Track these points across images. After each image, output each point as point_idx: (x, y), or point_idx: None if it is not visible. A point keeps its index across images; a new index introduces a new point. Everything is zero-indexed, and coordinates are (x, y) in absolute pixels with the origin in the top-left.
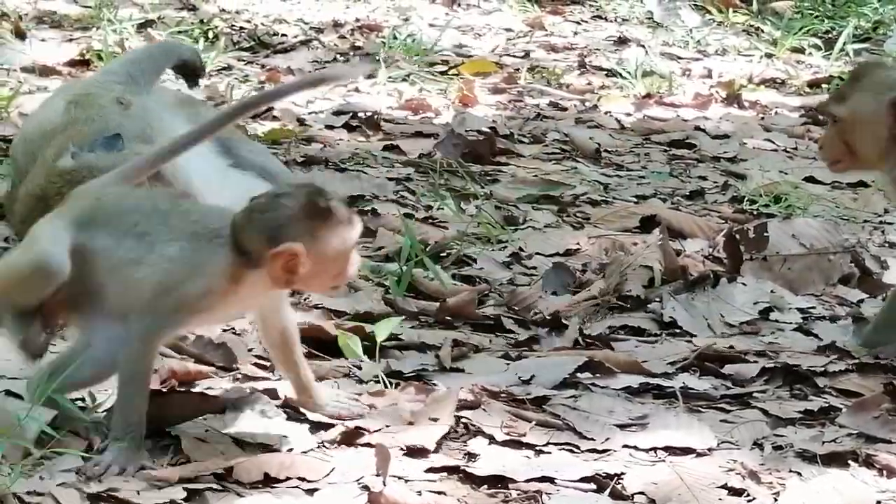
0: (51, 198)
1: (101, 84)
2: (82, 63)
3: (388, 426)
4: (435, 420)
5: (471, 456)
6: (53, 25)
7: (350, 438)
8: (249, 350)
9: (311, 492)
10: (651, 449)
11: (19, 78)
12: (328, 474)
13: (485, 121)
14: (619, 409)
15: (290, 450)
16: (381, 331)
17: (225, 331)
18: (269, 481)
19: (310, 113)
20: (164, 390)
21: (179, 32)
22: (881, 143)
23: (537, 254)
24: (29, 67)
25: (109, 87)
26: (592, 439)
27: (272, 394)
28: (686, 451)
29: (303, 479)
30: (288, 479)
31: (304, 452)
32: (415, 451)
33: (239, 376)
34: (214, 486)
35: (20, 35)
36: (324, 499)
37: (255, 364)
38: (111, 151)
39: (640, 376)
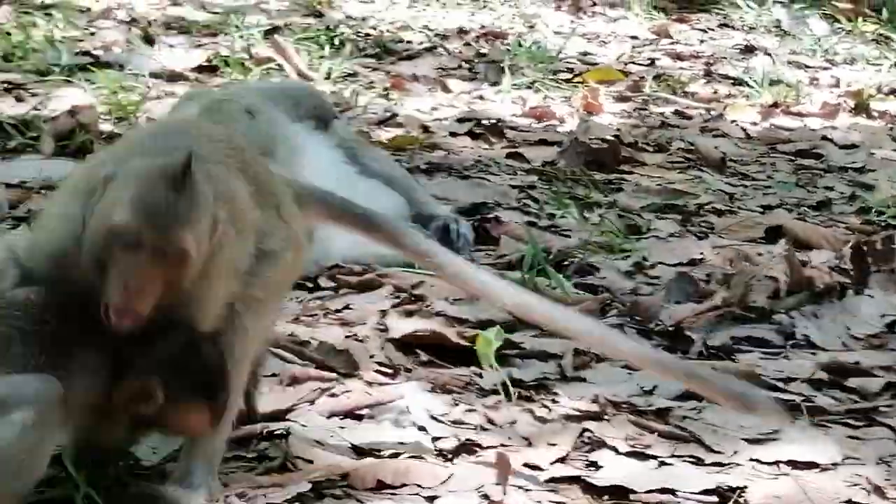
0: None
1: (236, 94)
2: (209, 69)
3: (503, 444)
4: (554, 444)
5: (593, 466)
6: (182, 31)
7: (470, 447)
8: (371, 357)
9: (430, 499)
10: (774, 462)
11: (148, 83)
12: (447, 482)
13: (609, 129)
14: (745, 421)
15: (410, 457)
16: (493, 339)
17: (347, 337)
18: (386, 488)
19: (434, 120)
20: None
21: (306, 39)
22: None
23: (660, 263)
24: (157, 73)
25: (241, 98)
26: (719, 452)
27: (393, 400)
28: (810, 465)
29: (422, 487)
30: (404, 485)
31: (424, 460)
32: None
33: (360, 382)
34: (335, 491)
35: (149, 41)
36: None
37: (377, 371)
38: None
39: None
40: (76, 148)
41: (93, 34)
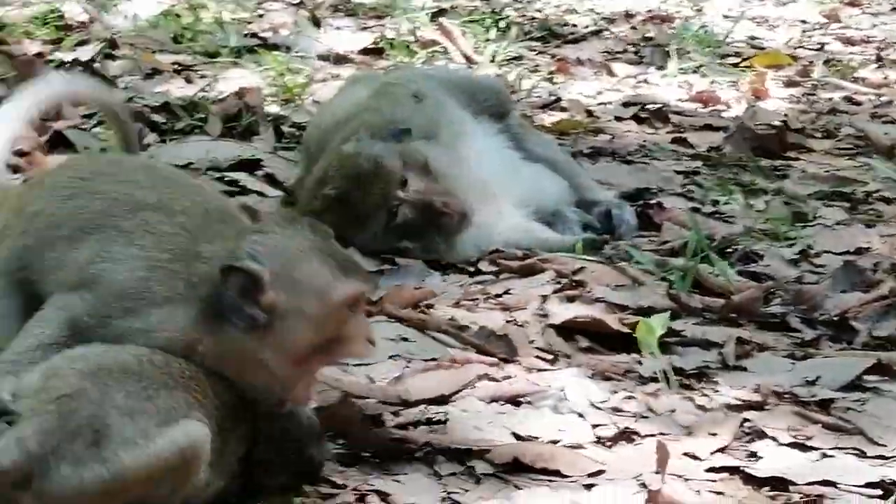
0: (328, 179)
1: (404, 78)
2: (375, 52)
3: (662, 432)
4: (714, 434)
5: (753, 457)
6: (348, 14)
7: (629, 435)
8: (531, 342)
9: (588, 487)
10: None
11: (314, 65)
12: (605, 470)
13: (776, 114)
14: None
15: (568, 444)
16: (656, 326)
17: (507, 322)
18: (543, 474)
19: (598, 104)
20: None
21: (471, 22)
22: None
23: (826, 252)
24: (324, 55)
25: (410, 82)
26: (883, 444)
27: (553, 387)
28: None
29: (580, 474)
30: (562, 472)
31: (582, 447)
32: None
33: (520, 368)
34: (493, 477)
35: (316, 23)
36: (601, 494)
37: (537, 356)
38: (396, 143)
39: None
40: (243, 129)
41: (261, 16)
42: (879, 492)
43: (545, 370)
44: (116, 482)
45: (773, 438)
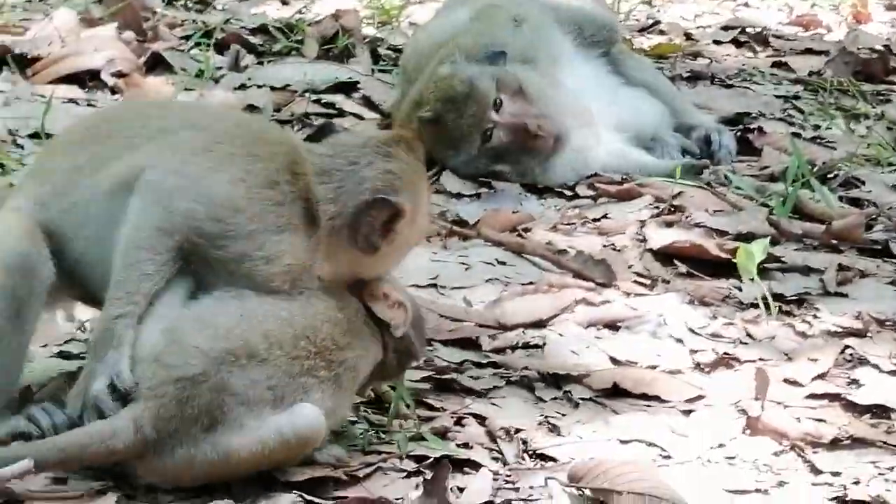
0: (423, 101)
1: (510, 1)
2: None
3: (761, 358)
4: (814, 360)
5: (854, 384)
6: None
7: (728, 361)
8: (629, 267)
9: (686, 413)
10: None
11: None
12: (704, 395)
13: (879, 39)
14: None
15: (667, 370)
16: (756, 251)
17: (605, 246)
18: (642, 399)
19: (697, 27)
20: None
21: None
22: None
23: None
24: None
25: (513, 4)
26: None
27: (651, 312)
28: None
29: (678, 400)
30: (660, 398)
31: (681, 372)
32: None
33: (618, 293)
34: (590, 402)
35: None
36: (700, 420)
37: (635, 282)
38: (491, 65)
39: None
40: (339, 52)
41: None
42: None
43: (643, 295)
44: (226, 464)
45: (875, 366)
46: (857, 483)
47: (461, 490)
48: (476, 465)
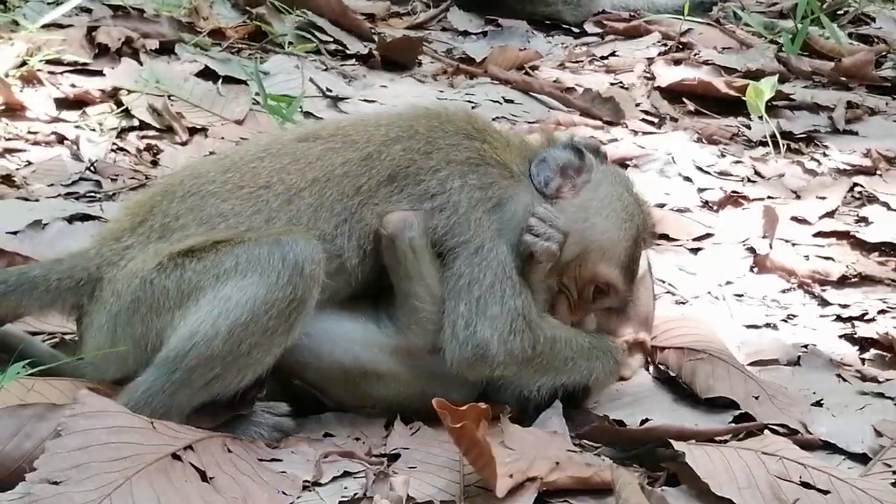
0: None
1: None
2: None
3: (770, 196)
4: (823, 198)
5: (862, 221)
6: None
7: (736, 199)
8: (637, 105)
9: (694, 251)
10: None
11: None
12: (713, 234)
13: None
14: None
15: (676, 208)
16: (765, 89)
17: (613, 84)
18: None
19: None
20: None
21: None
22: None
23: None
24: None
25: None
26: None
27: (659, 150)
28: None
29: (687, 238)
30: (669, 236)
31: (689, 210)
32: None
33: (626, 131)
34: None
35: None
36: (708, 258)
37: (643, 119)
38: None
39: None
40: None
41: None
42: None
43: (651, 133)
44: None
45: (884, 203)
46: (863, 318)
47: None
48: None
